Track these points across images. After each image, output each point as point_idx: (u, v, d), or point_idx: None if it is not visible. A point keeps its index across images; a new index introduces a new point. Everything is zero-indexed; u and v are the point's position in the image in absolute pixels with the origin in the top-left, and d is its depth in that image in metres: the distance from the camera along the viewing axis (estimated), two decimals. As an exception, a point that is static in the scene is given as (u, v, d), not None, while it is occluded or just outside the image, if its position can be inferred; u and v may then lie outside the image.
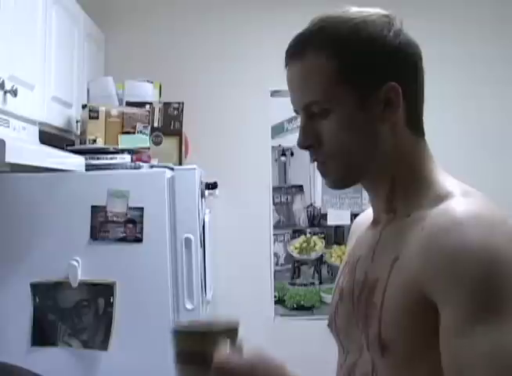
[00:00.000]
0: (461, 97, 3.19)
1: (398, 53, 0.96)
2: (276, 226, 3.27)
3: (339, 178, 1.00)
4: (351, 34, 0.94)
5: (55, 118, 2.33)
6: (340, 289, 1.07)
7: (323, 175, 1.00)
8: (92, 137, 2.33)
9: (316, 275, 3.26)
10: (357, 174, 1.00)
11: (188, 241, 2.24)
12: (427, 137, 1.02)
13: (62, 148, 2.22)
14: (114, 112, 2.40)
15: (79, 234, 2.17)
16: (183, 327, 0.91)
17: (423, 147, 1.01)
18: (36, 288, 2.15)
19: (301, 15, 3.01)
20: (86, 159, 2.19)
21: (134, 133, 2.40)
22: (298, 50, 0.96)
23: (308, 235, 3.27)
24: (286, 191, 3.28)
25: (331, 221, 3.26)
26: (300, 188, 3.27)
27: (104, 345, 2.15)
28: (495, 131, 3.31)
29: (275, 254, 3.28)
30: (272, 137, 3.26)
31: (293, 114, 1.04)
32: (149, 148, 2.43)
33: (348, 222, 3.15)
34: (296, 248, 3.27)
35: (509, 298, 0.80)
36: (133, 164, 2.28)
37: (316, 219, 3.27)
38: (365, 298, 0.99)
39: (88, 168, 2.20)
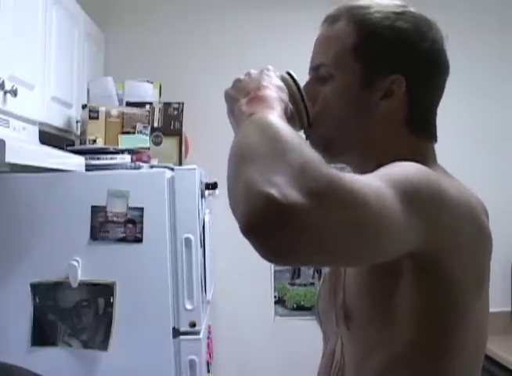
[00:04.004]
0: (460, 97, 3.19)
1: (420, 54, 0.97)
2: (276, 226, 3.27)
3: (321, 147, 0.99)
4: (384, 19, 0.97)
5: (55, 118, 2.33)
6: (324, 274, 1.10)
7: (307, 137, 1.03)
8: (92, 137, 2.33)
9: (316, 275, 3.26)
10: (338, 146, 1.02)
11: (188, 241, 2.24)
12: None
13: (62, 148, 2.21)
14: (114, 112, 2.39)
15: (79, 234, 2.16)
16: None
17: (425, 150, 1.00)
18: (36, 288, 2.15)
19: (302, 15, 3.02)
20: (86, 159, 2.18)
21: (134, 133, 2.40)
22: (332, 16, 1.02)
23: (308, 235, 3.26)
24: (286, 191, 3.27)
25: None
26: (300, 188, 3.27)
27: (104, 345, 2.15)
28: (494, 131, 3.31)
29: (275, 254, 3.27)
30: (272, 137, 3.25)
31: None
32: (149, 148, 2.43)
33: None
34: (296, 248, 3.27)
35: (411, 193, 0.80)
36: (133, 164, 2.28)
37: (316, 219, 3.27)
38: (334, 271, 1.01)
39: (88, 168, 2.19)
